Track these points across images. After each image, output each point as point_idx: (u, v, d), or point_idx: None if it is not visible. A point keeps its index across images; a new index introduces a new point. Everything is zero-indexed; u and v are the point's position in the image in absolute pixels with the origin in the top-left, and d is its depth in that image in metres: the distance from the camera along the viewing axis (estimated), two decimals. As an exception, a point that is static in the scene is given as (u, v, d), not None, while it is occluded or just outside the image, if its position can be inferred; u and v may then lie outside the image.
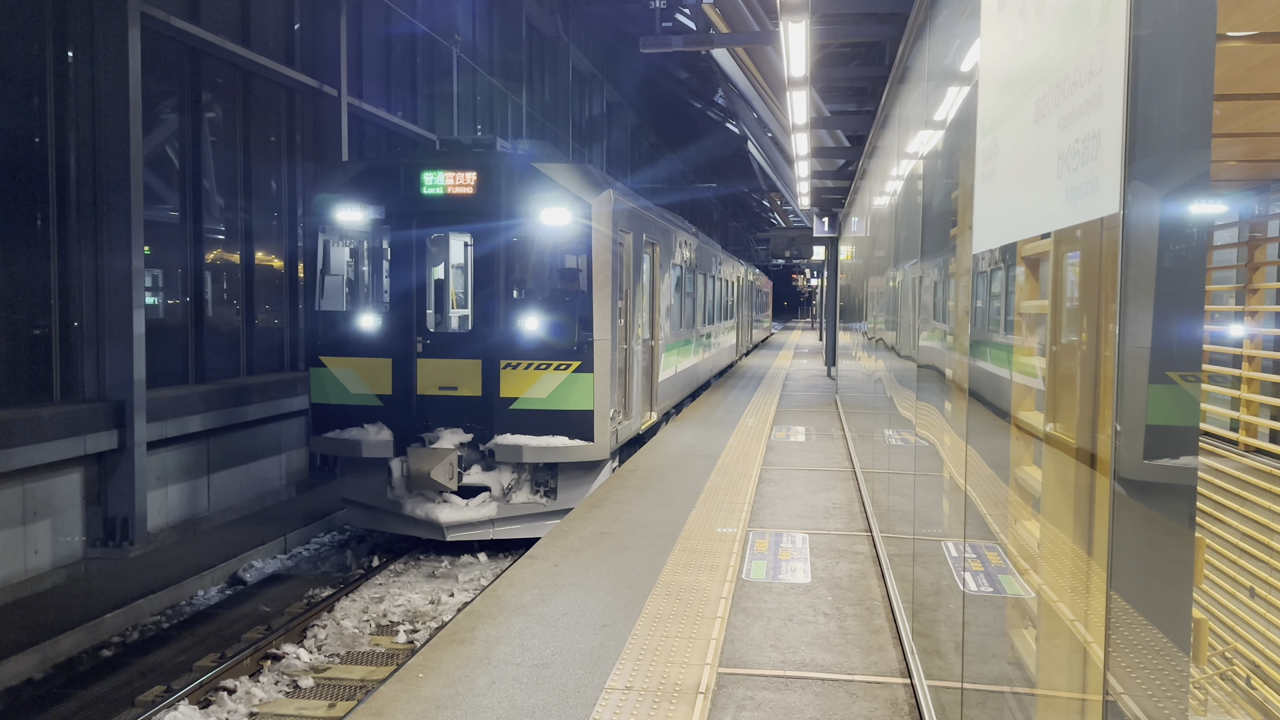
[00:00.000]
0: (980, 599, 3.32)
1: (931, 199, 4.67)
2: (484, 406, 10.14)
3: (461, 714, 4.46)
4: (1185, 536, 1.76)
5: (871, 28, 9.70)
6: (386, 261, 10.72)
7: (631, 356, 11.76)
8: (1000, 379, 3.02)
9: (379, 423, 10.30)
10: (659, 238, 14.09)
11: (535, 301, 10.59)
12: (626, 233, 11.42)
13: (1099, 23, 1.83)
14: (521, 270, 11.18)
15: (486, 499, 10.02)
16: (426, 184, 10.25)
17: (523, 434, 9.99)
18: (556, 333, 10.10)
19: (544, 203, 10.02)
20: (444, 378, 10.23)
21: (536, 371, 10.04)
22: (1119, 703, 1.82)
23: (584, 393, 10.00)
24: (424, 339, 10.31)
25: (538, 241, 10.99)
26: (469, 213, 10.22)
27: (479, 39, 21.86)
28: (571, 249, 10.79)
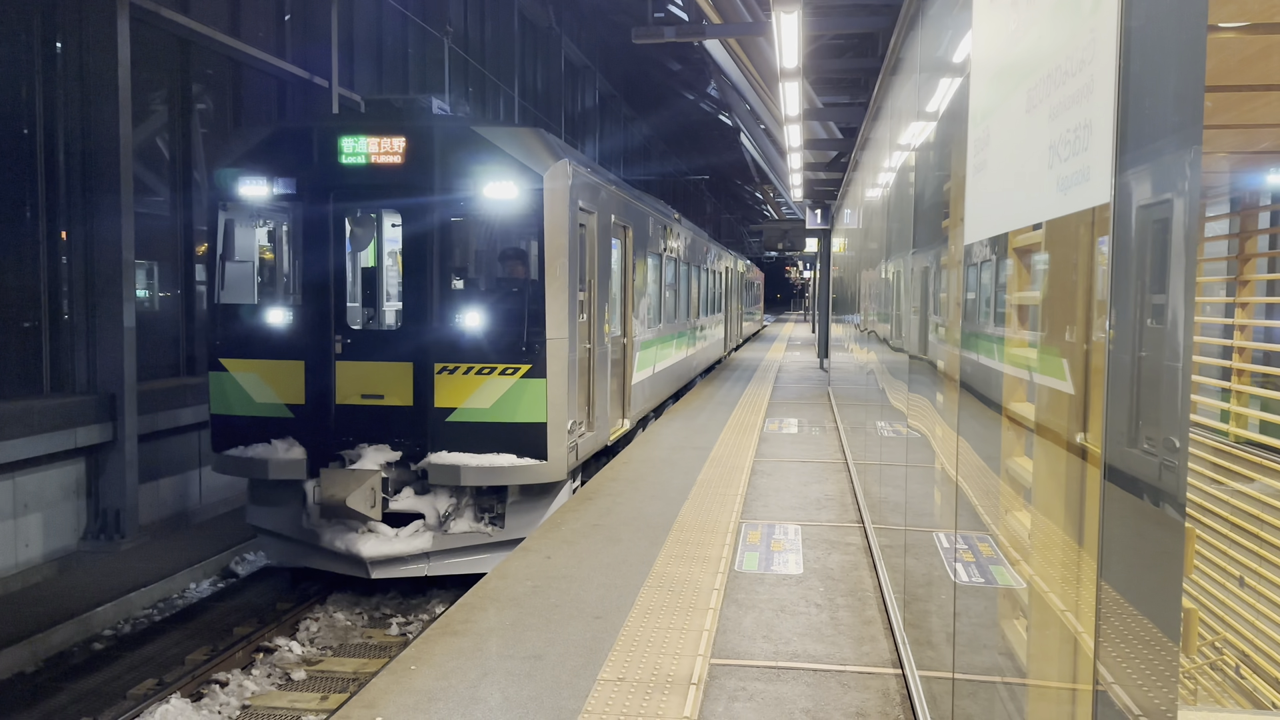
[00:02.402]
0: (971, 590, 3.33)
1: (924, 190, 4.67)
2: (415, 419, 8.52)
3: (454, 706, 4.46)
4: (1175, 527, 1.76)
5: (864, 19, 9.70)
6: (298, 245, 8.97)
7: (596, 357, 10.09)
8: (991, 371, 3.02)
9: (289, 438, 8.67)
10: (632, 220, 12.39)
11: (476, 293, 9.15)
12: (589, 212, 9.78)
13: (1090, 12, 1.83)
14: (460, 255, 9.68)
15: (420, 529, 8.44)
16: (345, 152, 8.55)
17: (462, 451, 8.39)
18: (501, 330, 8.49)
19: (486, 174, 8.38)
20: (368, 384, 8.61)
21: (478, 377, 8.44)
22: (1109, 692, 1.83)
23: (535, 402, 8.43)
24: (343, 338, 8.66)
25: (479, 221, 9.51)
26: (396, 186, 8.55)
27: (471, 30, 21.78)
28: (519, 230, 9.31)
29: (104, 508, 10.16)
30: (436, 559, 8.43)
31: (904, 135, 5.62)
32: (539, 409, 8.46)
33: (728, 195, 62.00)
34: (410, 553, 8.29)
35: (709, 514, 8.16)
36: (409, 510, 8.51)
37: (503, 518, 8.62)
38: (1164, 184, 1.73)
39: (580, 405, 9.43)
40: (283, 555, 8.95)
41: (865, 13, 9.73)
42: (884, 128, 7.15)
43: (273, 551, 9.04)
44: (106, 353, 10.24)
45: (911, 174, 5.17)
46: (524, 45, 24.98)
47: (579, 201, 9.15)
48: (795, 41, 7.95)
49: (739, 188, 57.40)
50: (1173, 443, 1.76)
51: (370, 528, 8.33)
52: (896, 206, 6.15)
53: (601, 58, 32.19)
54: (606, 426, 10.73)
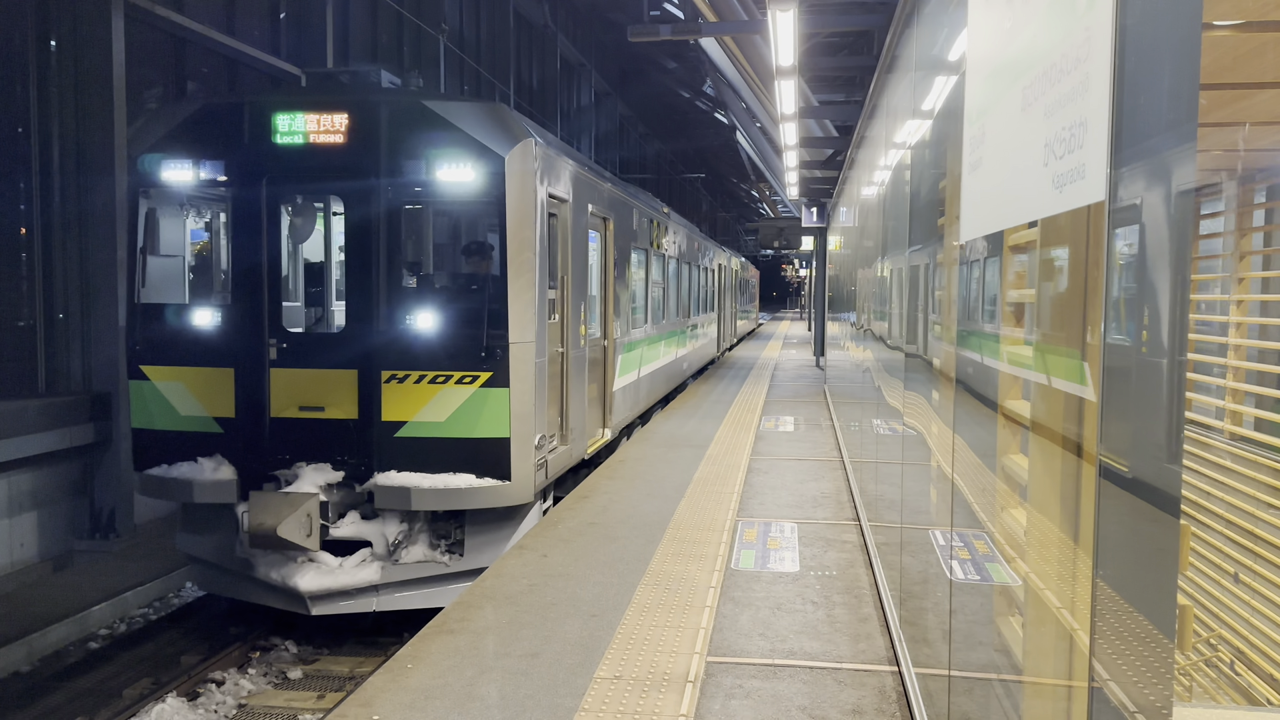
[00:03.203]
0: (967, 587, 3.33)
1: (919, 188, 4.67)
2: (360, 434, 7.54)
3: (450, 704, 4.46)
4: (1170, 524, 1.76)
5: (859, 17, 9.71)
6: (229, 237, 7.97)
7: (571, 361, 9.20)
8: (987, 368, 3.03)
9: (218, 456, 7.68)
10: (614, 211, 11.36)
11: (430, 291, 8.19)
12: (562, 200, 8.88)
13: (1085, 10, 1.83)
14: (412, 248, 8.59)
15: (367, 558, 7.49)
16: (281, 130, 7.56)
17: (413, 471, 7.43)
18: (458, 333, 7.52)
19: (439, 154, 7.40)
20: (307, 394, 7.61)
21: (432, 386, 7.46)
22: (1105, 689, 1.83)
23: (497, 414, 7.45)
24: (279, 342, 7.65)
25: (432, 208, 8.50)
26: (339, 169, 7.55)
27: (466, 28, 21.75)
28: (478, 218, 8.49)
29: (99, 507, 10.15)
30: (386, 593, 7.49)
31: (900, 133, 5.62)
32: (501, 423, 7.48)
33: (724, 193, 62.02)
34: (356, 585, 7.35)
35: (705, 512, 8.16)
36: (354, 538, 7.56)
37: (462, 544, 7.67)
38: (1159, 181, 1.74)
39: (551, 416, 8.48)
40: (215, 585, 8.05)
41: (861, 10, 9.74)
42: (880, 126, 7.16)
43: (204, 581, 8.16)
44: (100, 351, 10.22)
45: (907, 172, 5.17)
46: (519, 43, 24.96)
47: (548, 187, 8.24)
48: (791, 39, 7.95)
49: (735, 186, 57.42)
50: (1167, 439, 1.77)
51: (311, 557, 7.38)
52: (892, 205, 6.16)
53: (597, 55, 32.17)
54: (584, 438, 9.81)
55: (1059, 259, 2.18)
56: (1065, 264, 2.12)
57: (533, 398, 7.66)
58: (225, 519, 7.78)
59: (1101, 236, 1.75)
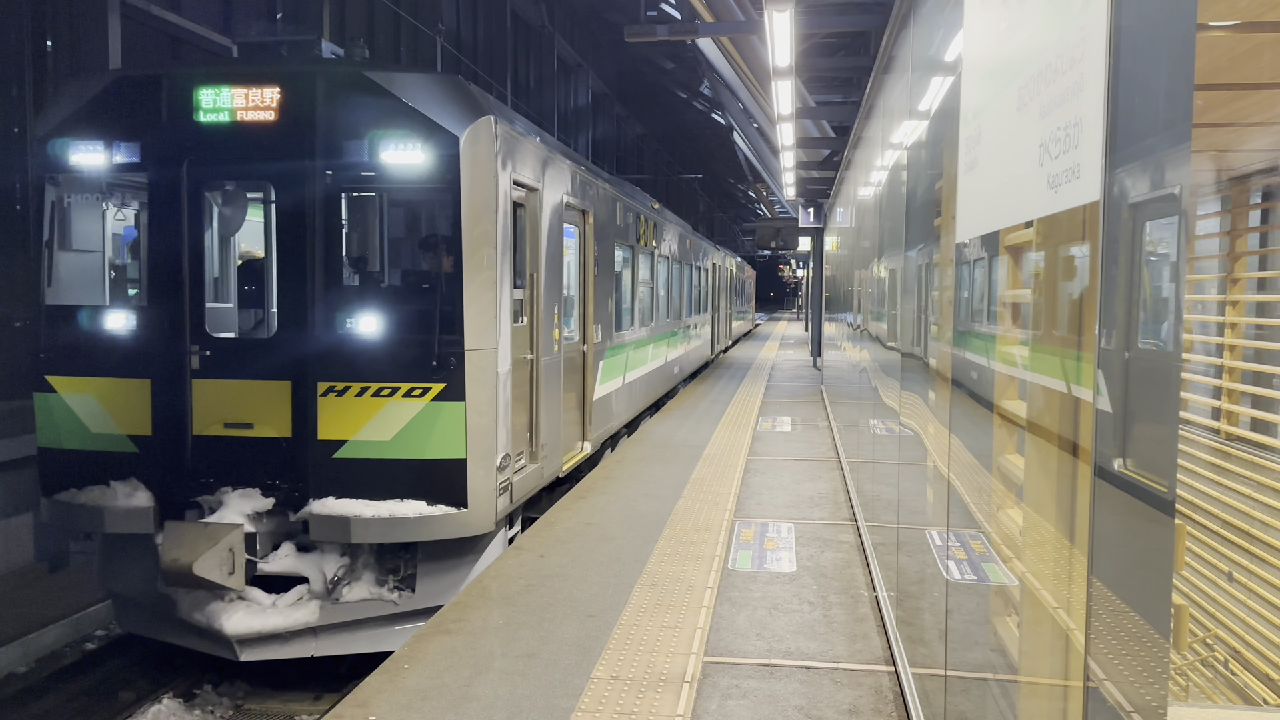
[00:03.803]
0: (963, 587, 3.34)
1: (915, 189, 4.68)
2: (294, 455, 6.62)
3: (447, 705, 4.46)
4: (1165, 523, 1.77)
5: (856, 17, 9.72)
6: (147, 229, 6.97)
7: (543, 369, 8.24)
8: (983, 368, 3.03)
9: (132, 479, 6.75)
10: (595, 204, 10.35)
11: (374, 290, 7.31)
12: (531, 188, 7.92)
13: (1081, 11, 1.83)
14: (355, 241, 7.54)
15: (304, 596, 6.58)
16: (203, 107, 6.62)
17: (353, 497, 6.52)
18: (405, 339, 6.64)
19: (384, 133, 6.49)
20: (233, 409, 6.71)
21: (375, 400, 6.56)
22: (1101, 689, 1.84)
23: (451, 432, 6.56)
24: (202, 349, 6.74)
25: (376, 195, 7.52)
26: (270, 151, 6.63)
27: (463, 28, 21.75)
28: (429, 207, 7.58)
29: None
30: (326, 635, 6.56)
31: (896, 134, 5.63)
32: (456, 441, 6.57)
33: (721, 194, 62.04)
34: (290, 628, 6.42)
35: (702, 512, 8.16)
36: (287, 573, 6.63)
37: (413, 579, 6.74)
38: (1154, 181, 1.74)
39: (518, 432, 7.52)
40: (137, 624, 7.06)
41: (858, 11, 9.75)
42: (876, 126, 7.17)
43: (125, 619, 7.17)
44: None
45: (904, 172, 5.17)
46: (516, 43, 24.95)
47: (514, 173, 7.29)
48: (788, 40, 7.96)
49: (732, 186, 57.45)
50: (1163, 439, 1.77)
51: (241, 593, 6.47)
52: (889, 205, 6.17)
53: (594, 56, 32.17)
54: (558, 454, 8.85)
55: (1054, 259, 2.18)
56: (1060, 264, 2.13)
57: (494, 412, 6.78)
58: (145, 550, 6.79)
59: (1096, 237, 1.75)
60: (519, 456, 7.56)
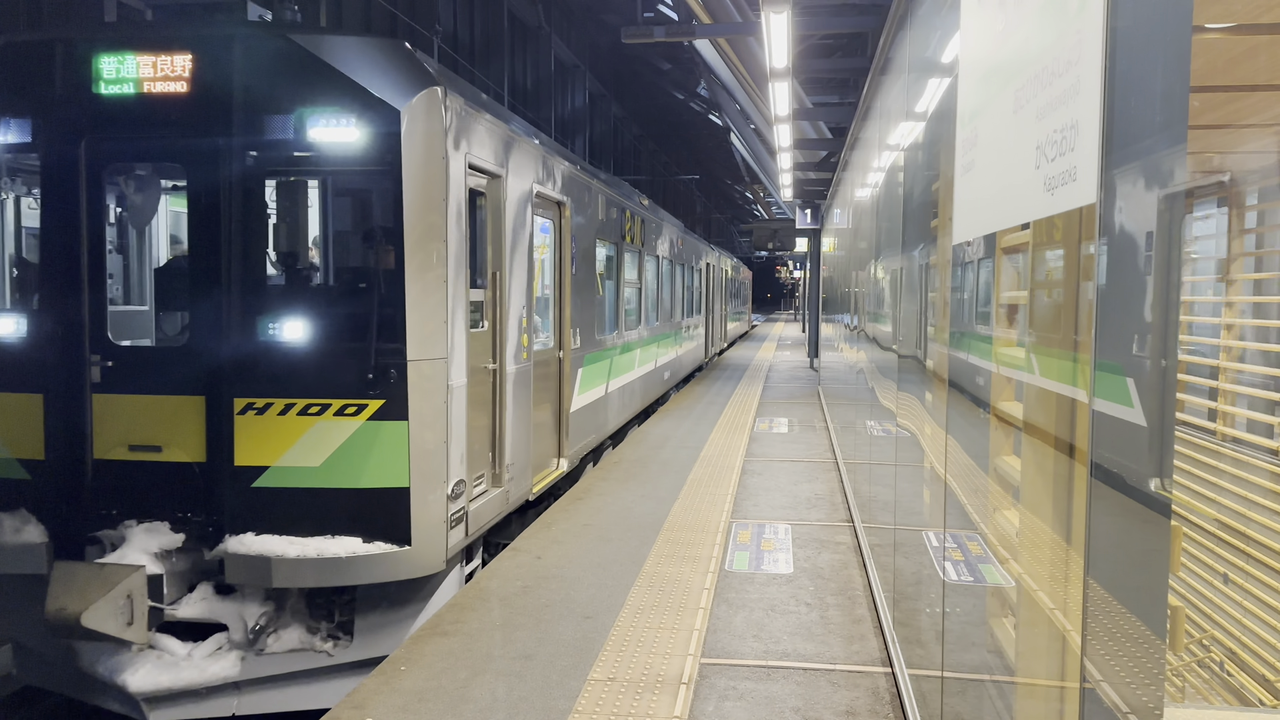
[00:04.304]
0: (960, 588, 3.34)
1: (912, 190, 4.68)
2: (208, 483, 5.76)
3: (444, 706, 4.45)
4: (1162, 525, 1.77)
5: (853, 19, 9.74)
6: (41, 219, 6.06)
7: (509, 380, 7.36)
8: (979, 369, 3.04)
9: (23, 510, 5.89)
10: (573, 196, 9.37)
11: (300, 290, 6.24)
12: (494, 175, 7.00)
13: (1077, 13, 1.84)
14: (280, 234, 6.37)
15: (223, 646, 5.75)
16: (105, 77, 5.75)
17: (277, 533, 5.68)
18: (337, 347, 5.79)
19: (313, 107, 5.62)
20: (139, 429, 5.83)
21: (303, 419, 5.72)
22: (1097, 690, 1.84)
23: (391, 456, 5.72)
24: (104, 359, 5.87)
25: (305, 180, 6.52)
26: (181, 127, 5.75)
27: (460, 29, 21.75)
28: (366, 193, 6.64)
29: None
30: (250, 691, 5.75)
31: (893, 135, 5.63)
32: (397, 467, 5.72)
33: (718, 195, 62.08)
34: (207, 683, 5.62)
35: (699, 513, 8.16)
36: (203, 619, 5.76)
37: (350, 626, 5.89)
38: (1150, 183, 1.74)
39: (477, 452, 6.70)
40: (37, 675, 6.16)
41: (854, 13, 9.77)
42: (873, 128, 7.17)
43: (25, 668, 6.22)
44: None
45: (900, 174, 5.18)
46: (513, 44, 24.96)
47: (471, 155, 6.42)
48: (785, 41, 7.97)
49: (729, 187, 57.49)
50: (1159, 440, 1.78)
51: (151, 642, 5.65)
52: (886, 206, 6.17)
53: (591, 57, 32.18)
54: (528, 474, 7.94)
55: (1050, 261, 2.18)
56: (1056, 266, 2.13)
57: (443, 431, 5.94)
58: (40, 592, 5.65)
59: (1093, 238, 1.75)
60: (478, 480, 6.74)
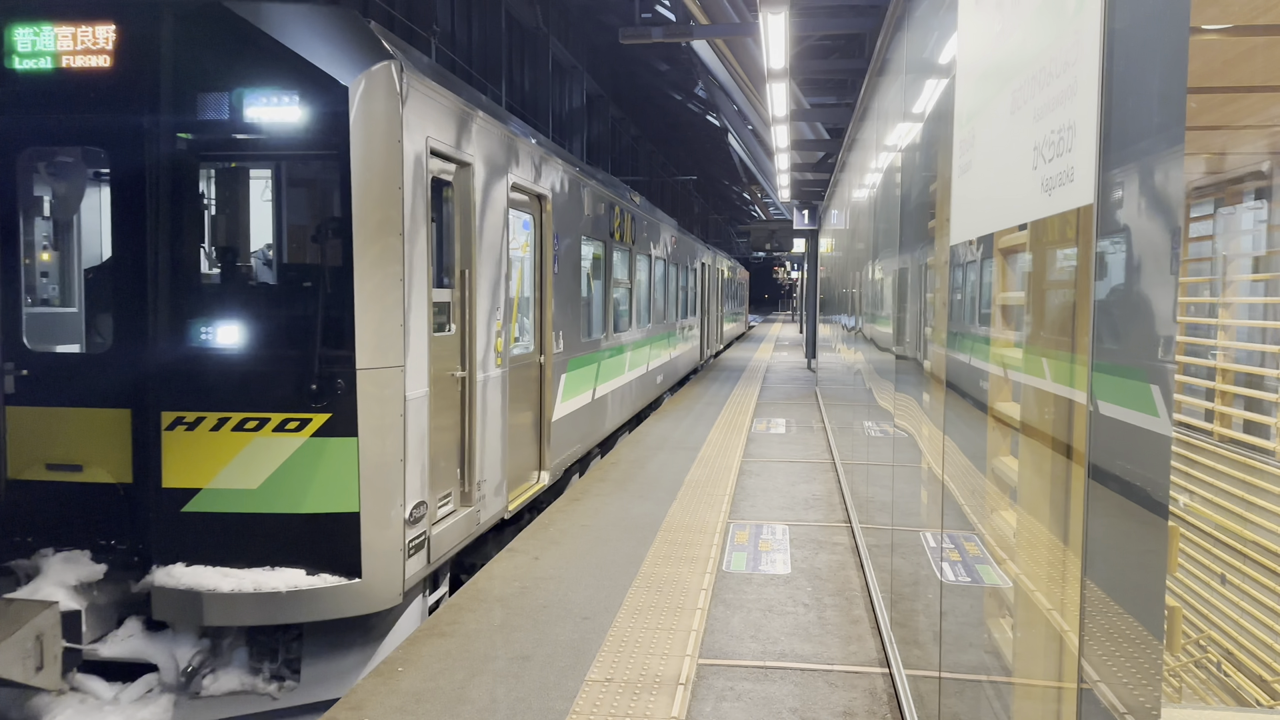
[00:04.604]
0: (958, 589, 3.35)
1: (910, 191, 4.69)
2: (133, 507, 5.20)
3: (441, 707, 4.45)
4: (1159, 525, 1.77)
5: (850, 20, 9.76)
6: None
7: (481, 388, 6.78)
8: (977, 370, 3.04)
9: None
10: (555, 189, 8.73)
11: (237, 290, 5.58)
12: (462, 163, 6.39)
13: (1074, 14, 1.84)
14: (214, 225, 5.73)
15: (154, 689, 5.17)
16: (19, 50, 5.24)
17: (210, 564, 5.11)
18: (279, 354, 5.25)
19: (250, 84, 5.08)
20: (58, 446, 5.31)
21: (239, 435, 5.15)
22: (1094, 690, 1.84)
23: (338, 477, 5.14)
24: (18, 367, 5.40)
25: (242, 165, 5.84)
26: (104, 105, 5.21)
27: (458, 30, 21.75)
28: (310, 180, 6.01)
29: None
30: None
31: (891, 136, 5.64)
32: (345, 489, 5.15)
33: (716, 196, 62.11)
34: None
35: (697, 514, 8.16)
36: (130, 659, 5.17)
37: (297, 665, 5.33)
38: (1147, 184, 1.74)
39: (442, 469, 6.13)
40: None
41: (852, 14, 9.78)
42: (871, 129, 7.18)
43: None
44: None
45: (898, 175, 5.19)
46: (511, 45, 24.97)
47: (434, 140, 5.85)
48: (782, 42, 7.97)
49: (727, 188, 57.52)
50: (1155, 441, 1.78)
51: (73, 684, 5.09)
52: (883, 207, 6.18)
53: (589, 58, 32.19)
54: (503, 491, 7.33)
55: (1048, 262, 2.19)
56: (1054, 267, 2.13)
57: (400, 448, 5.36)
58: None
59: (1090, 239, 1.75)
60: (444, 500, 6.14)
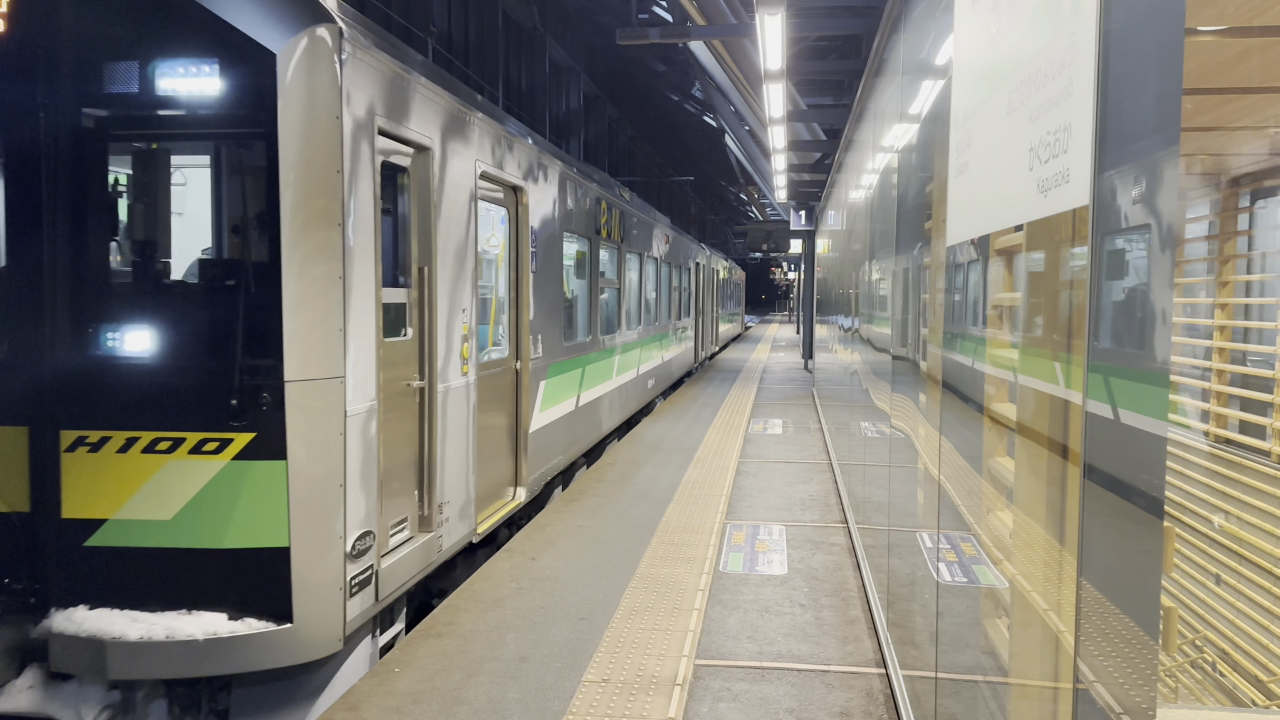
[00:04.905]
0: (954, 589, 3.35)
1: (906, 192, 4.69)
2: (30, 539, 4.50)
3: (437, 708, 4.45)
4: (1154, 526, 1.77)
5: (847, 21, 9.76)
6: None
7: (445, 400, 6.05)
8: (973, 371, 3.04)
9: None
10: (532, 179, 7.95)
11: (146, 288, 4.68)
12: (421, 147, 5.66)
13: (1070, 16, 1.84)
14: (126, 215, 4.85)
15: None
16: None
17: (116, 606, 4.43)
18: (194, 364, 4.50)
19: (163, 50, 4.35)
20: None
21: (149, 458, 4.41)
22: (1090, 691, 1.84)
23: (264, 507, 4.42)
24: None
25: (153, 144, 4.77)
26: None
27: (455, 30, 21.74)
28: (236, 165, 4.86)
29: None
30: None
31: (887, 137, 5.64)
32: (273, 521, 4.41)
33: (713, 196, 62.14)
34: None
35: (694, 515, 8.16)
36: (30, 713, 4.45)
37: (225, 718, 4.71)
38: (1143, 185, 1.75)
39: (395, 492, 5.41)
40: None
41: (849, 15, 9.79)
42: (867, 130, 7.18)
43: None
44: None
45: (895, 176, 5.19)
46: (508, 45, 24.96)
47: (385, 120, 5.07)
48: (779, 43, 7.98)
49: (724, 189, 57.54)
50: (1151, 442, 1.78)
51: None
52: (880, 208, 6.18)
53: (586, 58, 32.19)
54: (471, 511, 6.58)
55: (1044, 263, 2.19)
56: (1050, 268, 2.13)
57: (339, 471, 4.62)
58: None
59: (1085, 240, 1.76)
60: (397, 527, 5.44)
